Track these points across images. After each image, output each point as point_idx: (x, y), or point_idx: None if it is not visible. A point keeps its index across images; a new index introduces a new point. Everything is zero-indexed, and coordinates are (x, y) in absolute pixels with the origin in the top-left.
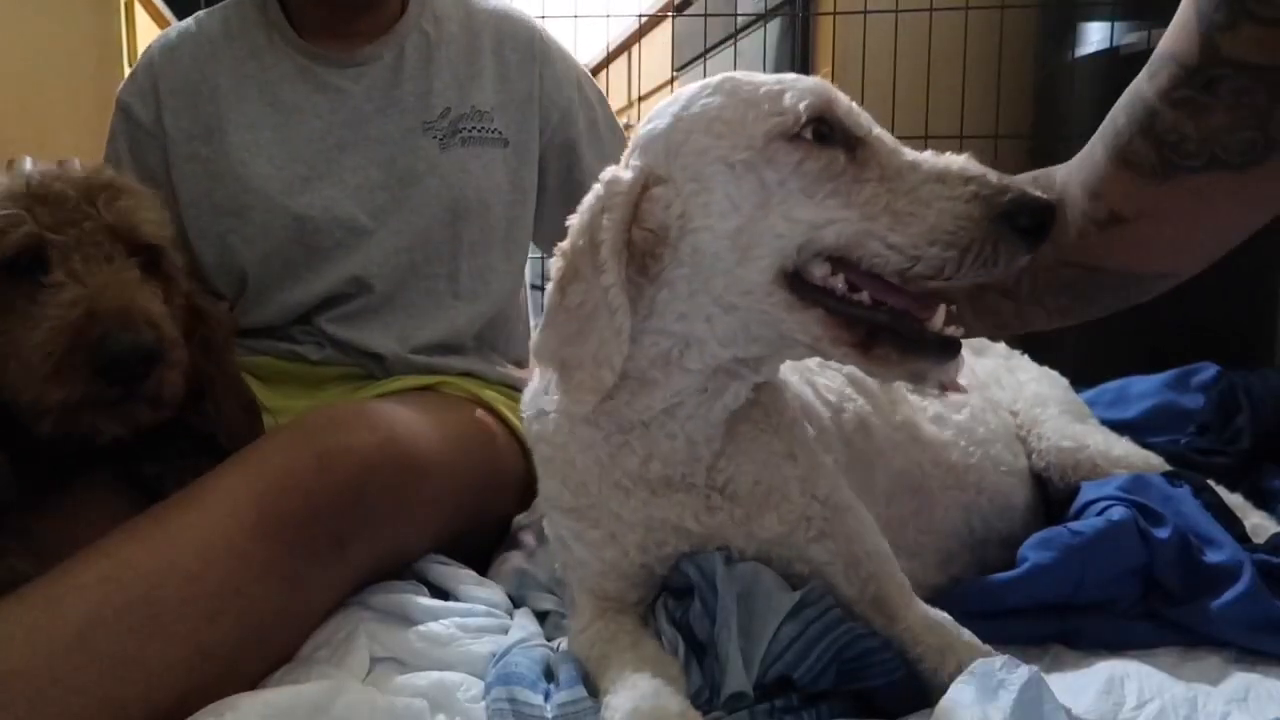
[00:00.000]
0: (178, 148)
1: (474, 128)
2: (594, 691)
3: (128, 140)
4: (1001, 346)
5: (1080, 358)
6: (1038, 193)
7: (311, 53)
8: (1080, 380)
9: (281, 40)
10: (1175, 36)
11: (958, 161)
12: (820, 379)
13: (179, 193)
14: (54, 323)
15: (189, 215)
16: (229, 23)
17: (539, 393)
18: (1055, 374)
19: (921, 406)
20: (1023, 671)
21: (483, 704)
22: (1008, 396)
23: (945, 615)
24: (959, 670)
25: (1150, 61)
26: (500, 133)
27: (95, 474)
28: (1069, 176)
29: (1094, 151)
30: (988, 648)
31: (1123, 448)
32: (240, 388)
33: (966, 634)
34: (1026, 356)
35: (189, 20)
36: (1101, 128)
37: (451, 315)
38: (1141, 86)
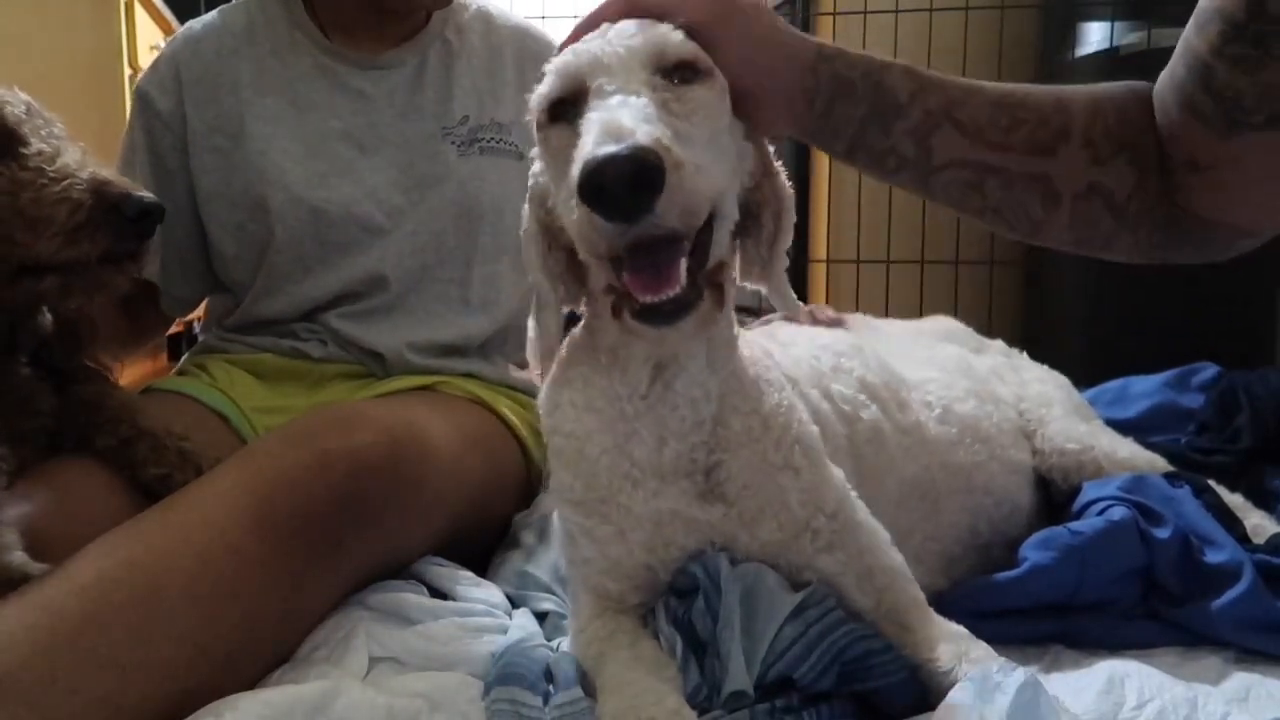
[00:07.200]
0: (199, 139)
1: (492, 139)
2: (591, 691)
3: (145, 130)
4: (1000, 344)
5: (1080, 357)
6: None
7: (335, 53)
8: (1080, 380)
9: (305, 39)
10: None
11: None
12: (835, 385)
13: (199, 183)
14: (72, 179)
15: (208, 205)
16: (252, 18)
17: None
18: (1057, 374)
19: (927, 403)
20: (1019, 674)
21: (483, 704)
22: (1010, 394)
23: (961, 628)
24: None
25: (1197, 12)
26: (516, 146)
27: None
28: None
29: (1164, 97)
30: (1003, 659)
31: (1128, 450)
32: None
33: (982, 645)
34: (1026, 355)
35: (213, 14)
36: (1167, 74)
37: (462, 320)
38: (1192, 40)
